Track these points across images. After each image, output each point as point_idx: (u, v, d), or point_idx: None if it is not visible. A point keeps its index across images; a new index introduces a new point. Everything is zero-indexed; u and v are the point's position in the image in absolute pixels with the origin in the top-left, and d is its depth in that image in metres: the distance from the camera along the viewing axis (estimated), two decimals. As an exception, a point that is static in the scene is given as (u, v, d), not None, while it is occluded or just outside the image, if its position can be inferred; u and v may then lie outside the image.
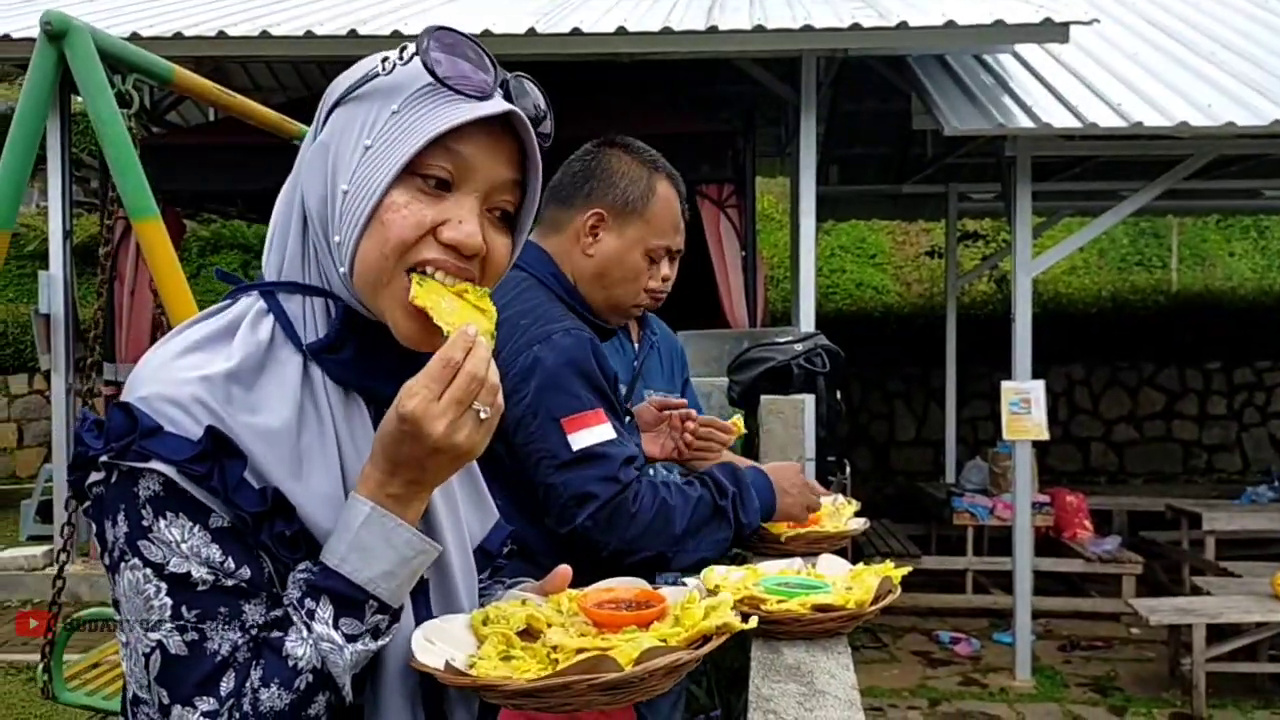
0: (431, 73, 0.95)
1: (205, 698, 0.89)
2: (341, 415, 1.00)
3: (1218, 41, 7.72)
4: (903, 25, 5.88)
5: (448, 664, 0.96)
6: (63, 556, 3.51)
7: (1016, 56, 7.18)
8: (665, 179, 2.04)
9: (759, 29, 5.95)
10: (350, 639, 0.90)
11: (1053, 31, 5.99)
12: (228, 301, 1.04)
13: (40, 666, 3.52)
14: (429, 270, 0.97)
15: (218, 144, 7.53)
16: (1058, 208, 10.16)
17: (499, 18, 6.52)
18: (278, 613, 0.93)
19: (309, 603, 0.90)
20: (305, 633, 0.90)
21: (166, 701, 0.89)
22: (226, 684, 0.89)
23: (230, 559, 0.91)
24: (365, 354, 1.01)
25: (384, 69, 0.97)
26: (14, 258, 14.32)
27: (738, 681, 3.51)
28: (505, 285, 1.92)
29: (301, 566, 0.92)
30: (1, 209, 2.91)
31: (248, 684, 0.89)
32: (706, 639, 1.04)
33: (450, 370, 0.90)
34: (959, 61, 7.04)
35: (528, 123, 1.00)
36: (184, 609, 0.89)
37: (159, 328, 3.27)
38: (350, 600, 0.90)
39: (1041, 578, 7.23)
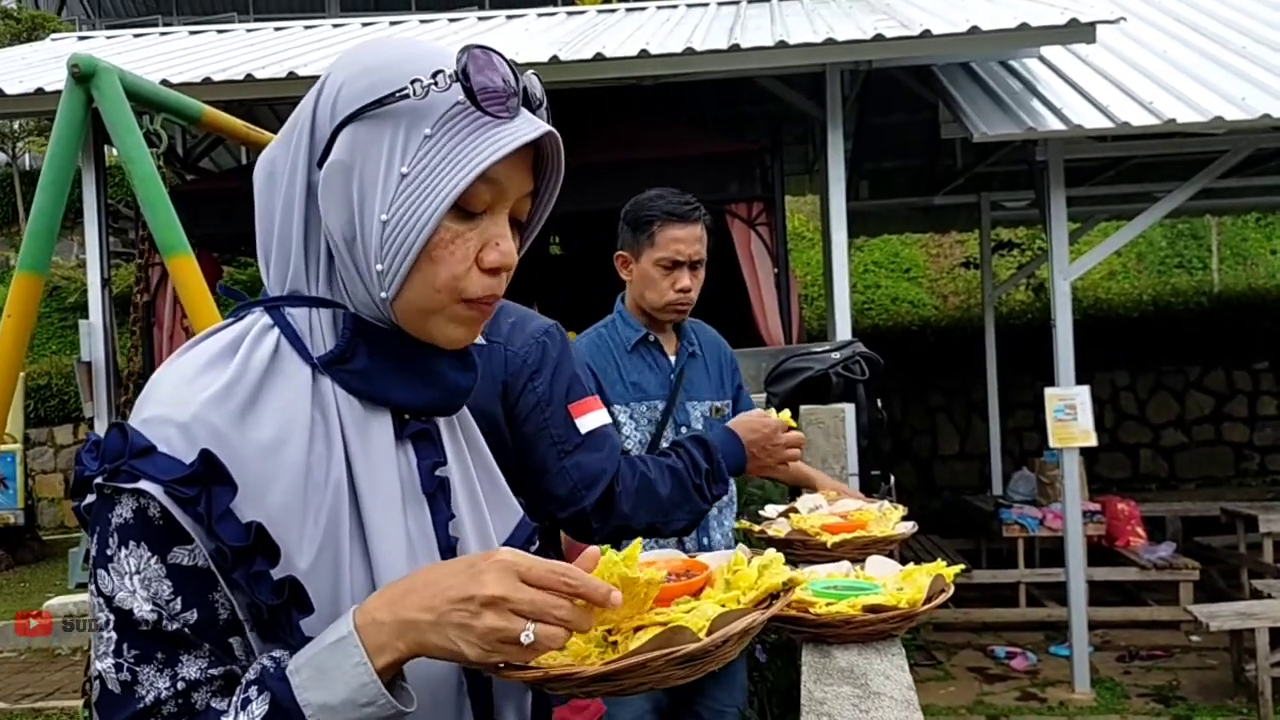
0: (473, 100, 0.94)
1: None
2: (354, 426, 0.97)
3: (1248, 35, 7.60)
4: (926, 34, 5.83)
5: (507, 661, 0.93)
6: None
7: (1043, 60, 7.10)
8: None
9: (781, 45, 5.92)
10: None
11: (1079, 32, 5.92)
12: (231, 320, 1.02)
13: (82, 703, 3.55)
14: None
15: (250, 187, 7.60)
16: (1093, 213, 10.03)
17: (522, 46, 6.55)
18: (217, 671, 0.89)
19: (252, 690, 0.85)
20: (231, 716, 0.85)
21: None
22: None
23: (180, 599, 0.88)
24: (376, 360, 0.99)
25: (415, 93, 0.94)
26: (55, 310, 14.58)
27: (790, 702, 3.45)
28: None
29: (277, 651, 0.88)
30: (35, 253, 2.94)
31: None
32: (773, 599, 1.01)
33: (560, 589, 0.86)
34: (985, 68, 6.98)
35: (558, 138, 1.00)
36: (125, 647, 0.88)
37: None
38: (285, 713, 0.84)
39: (1096, 588, 7.09)
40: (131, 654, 0.87)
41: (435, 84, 0.94)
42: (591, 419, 1.82)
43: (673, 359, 2.83)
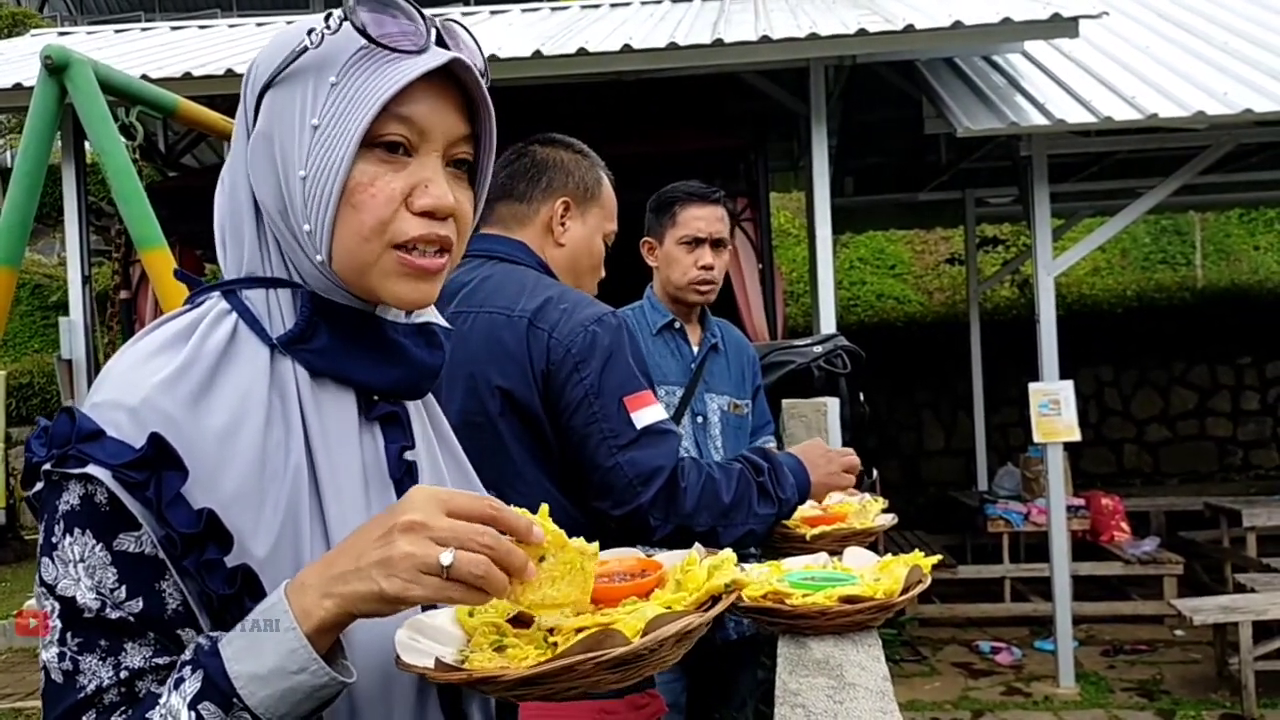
0: (364, 34, 0.92)
1: None
2: (314, 409, 0.95)
3: (1230, 30, 7.62)
4: (909, 28, 5.82)
5: (438, 661, 0.89)
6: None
7: (1026, 55, 7.11)
8: (602, 168, 2.09)
9: (764, 39, 5.90)
10: None
11: (1061, 27, 5.91)
12: (187, 306, 1.00)
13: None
14: (413, 250, 0.94)
15: (231, 183, 7.53)
16: (1077, 209, 10.06)
17: (505, 41, 6.52)
18: (163, 660, 0.87)
19: (186, 669, 0.82)
20: (165, 697, 0.82)
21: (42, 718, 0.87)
22: None
23: (124, 587, 0.85)
24: (338, 339, 0.97)
25: (312, 42, 0.93)
26: (38, 309, 14.49)
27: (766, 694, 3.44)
28: (514, 278, 1.90)
29: (216, 632, 0.85)
30: (8, 246, 2.90)
31: None
32: (715, 600, 0.98)
33: (484, 519, 0.83)
34: (968, 63, 6.98)
35: (472, 69, 0.96)
36: (69, 635, 0.86)
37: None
38: (216, 689, 0.80)
39: (1080, 582, 7.10)
40: (75, 643, 0.85)
41: (328, 28, 0.93)
42: (648, 414, 1.77)
43: (695, 349, 2.85)
